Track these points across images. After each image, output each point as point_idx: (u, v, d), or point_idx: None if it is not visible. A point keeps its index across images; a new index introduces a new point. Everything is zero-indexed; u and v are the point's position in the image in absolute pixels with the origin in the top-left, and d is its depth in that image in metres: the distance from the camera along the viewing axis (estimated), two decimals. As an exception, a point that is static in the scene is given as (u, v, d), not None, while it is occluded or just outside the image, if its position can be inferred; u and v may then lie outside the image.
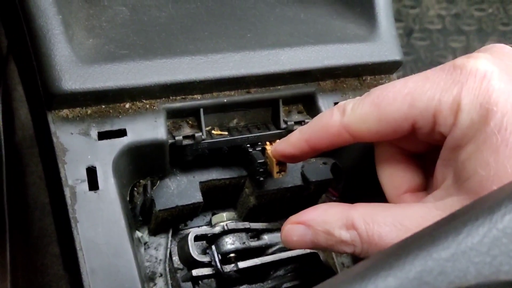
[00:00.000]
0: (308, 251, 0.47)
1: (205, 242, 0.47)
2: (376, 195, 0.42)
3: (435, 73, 0.36)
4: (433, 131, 0.35)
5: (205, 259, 0.45)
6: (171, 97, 0.45)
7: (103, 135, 0.42)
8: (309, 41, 0.49)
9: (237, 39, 0.48)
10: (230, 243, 0.46)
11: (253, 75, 0.46)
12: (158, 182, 0.46)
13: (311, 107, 0.50)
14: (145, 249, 0.48)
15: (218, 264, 0.44)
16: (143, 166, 0.45)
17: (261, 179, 0.47)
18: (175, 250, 0.48)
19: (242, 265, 0.45)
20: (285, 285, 0.45)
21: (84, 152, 0.41)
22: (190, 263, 0.45)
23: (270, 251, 0.47)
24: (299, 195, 0.50)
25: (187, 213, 0.47)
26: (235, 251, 0.46)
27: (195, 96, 0.46)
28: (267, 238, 0.48)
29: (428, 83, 0.35)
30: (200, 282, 0.46)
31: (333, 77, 0.50)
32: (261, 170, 0.46)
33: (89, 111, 0.43)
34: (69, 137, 0.42)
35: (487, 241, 0.23)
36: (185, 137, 0.45)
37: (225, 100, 0.47)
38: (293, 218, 0.39)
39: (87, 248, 0.39)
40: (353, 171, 0.50)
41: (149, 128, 0.43)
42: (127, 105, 0.44)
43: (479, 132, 0.33)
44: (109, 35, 0.46)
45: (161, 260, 0.48)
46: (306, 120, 0.49)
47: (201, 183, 0.47)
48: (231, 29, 0.49)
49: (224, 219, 0.48)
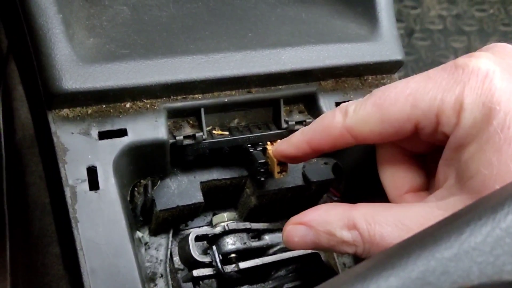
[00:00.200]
0: (309, 251, 0.47)
1: (206, 242, 0.47)
2: (377, 195, 0.42)
3: (437, 73, 0.35)
4: (436, 131, 0.35)
5: (206, 259, 0.45)
6: (172, 97, 0.45)
7: (103, 135, 0.42)
8: (310, 40, 0.49)
9: (238, 38, 0.48)
10: (231, 243, 0.46)
11: (254, 74, 0.46)
12: (158, 182, 0.46)
13: (312, 107, 0.50)
14: (145, 249, 0.48)
15: (219, 264, 0.44)
16: (144, 166, 0.44)
17: (262, 179, 0.46)
18: (175, 250, 0.48)
19: (243, 265, 0.44)
20: (286, 286, 0.45)
21: (84, 151, 0.41)
22: (190, 263, 0.45)
23: (271, 251, 0.47)
24: (300, 195, 0.50)
25: (188, 213, 0.47)
26: (236, 252, 0.46)
27: (196, 95, 0.46)
28: (268, 238, 0.48)
29: (430, 83, 0.35)
30: (201, 282, 0.46)
31: (334, 77, 0.50)
32: (262, 170, 0.46)
33: (89, 111, 0.43)
34: (69, 136, 0.42)
35: (490, 241, 0.23)
36: (186, 137, 0.45)
37: (226, 99, 0.47)
38: (295, 218, 0.39)
39: (88, 248, 0.39)
40: (354, 171, 0.50)
41: (149, 128, 0.43)
42: (128, 105, 0.44)
43: (482, 131, 0.32)
44: (110, 34, 0.46)
45: (161, 260, 0.48)
46: (307, 120, 0.49)
47: (202, 183, 0.47)
48: (232, 29, 0.49)
49: (225, 219, 0.48)
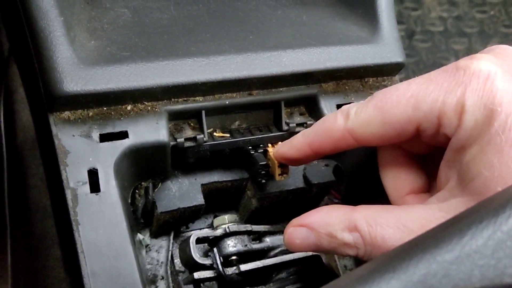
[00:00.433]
0: (310, 253, 0.47)
1: (206, 244, 0.47)
2: (378, 197, 0.42)
3: (438, 74, 0.35)
4: (437, 133, 0.35)
5: (207, 261, 0.45)
6: (173, 99, 0.45)
7: (104, 137, 0.42)
8: (311, 43, 0.49)
9: (239, 41, 0.48)
10: (232, 245, 0.46)
11: (255, 77, 0.46)
12: (159, 184, 0.46)
13: (313, 109, 0.50)
14: (146, 251, 0.48)
15: (220, 266, 0.44)
16: (145, 168, 0.44)
17: (263, 181, 0.46)
18: (176, 252, 0.48)
19: (244, 267, 0.44)
20: (287, 288, 0.45)
21: (85, 154, 0.41)
22: (191, 265, 0.45)
23: (272, 253, 0.47)
24: (301, 197, 0.50)
25: (189, 216, 0.47)
26: (237, 254, 0.46)
27: (197, 98, 0.46)
28: (269, 240, 0.48)
29: (431, 85, 0.35)
30: (201, 284, 0.45)
31: (335, 79, 0.50)
32: (263, 172, 0.46)
33: (90, 113, 0.43)
34: (70, 139, 0.42)
35: (492, 244, 0.23)
36: (187, 139, 0.45)
37: (227, 102, 0.47)
38: (296, 220, 0.39)
39: (89, 250, 0.39)
40: (355, 173, 0.50)
41: (150, 130, 0.43)
42: (129, 107, 0.44)
43: (484, 133, 0.32)
44: (111, 37, 0.46)
45: (162, 262, 0.48)
46: (308, 122, 0.49)
47: (203, 185, 0.47)
48: (233, 31, 0.49)
49: (226, 222, 0.48)
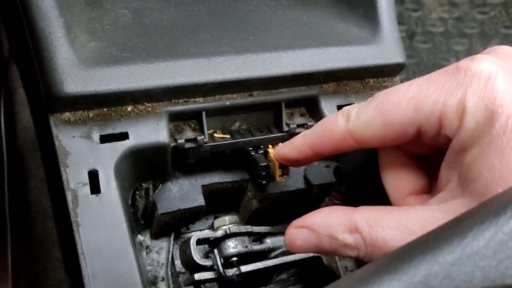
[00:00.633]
0: (311, 254, 0.47)
1: (207, 245, 0.47)
2: (379, 198, 0.42)
3: (439, 75, 0.35)
4: (438, 134, 0.35)
5: (207, 263, 0.45)
6: (173, 100, 0.45)
7: (105, 138, 0.42)
8: (311, 43, 0.49)
9: (240, 41, 0.48)
10: (232, 246, 0.45)
11: (255, 78, 0.46)
12: (160, 185, 0.46)
13: (313, 110, 0.50)
14: (147, 253, 0.47)
15: (220, 268, 0.44)
16: (145, 169, 0.44)
17: (264, 182, 0.46)
18: (177, 254, 0.48)
19: (244, 269, 0.44)
20: (288, 289, 0.45)
21: (86, 155, 0.41)
22: (192, 267, 0.45)
23: (272, 254, 0.47)
24: (302, 198, 0.50)
25: (189, 217, 0.47)
26: (238, 255, 0.45)
27: (197, 99, 0.46)
28: (269, 241, 0.48)
29: (432, 86, 0.35)
30: (202, 286, 0.45)
31: (336, 80, 0.50)
32: (264, 173, 0.46)
33: (91, 114, 0.43)
34: (71, 140, 0.42)
35: (493, 245, 0.23)
36: (187, 140, 0.45)
37: (228, 103, 0.47)
38: (297, 222, 0.39)
39: (89, 252, 0.39)
40: (356, 174, 0.50)
41: (151, 131, 0.43)
42: (129, 108, 0.44)
43: (484, 134, 0.32)
44: (111, 38, 0.46)
45: (163, 264, 0.48)
46: (308, 123, 0.49)
47: (203, 186, 0.47)
48: (234, 32, 0.49)
49: (226, 223, 0.48)
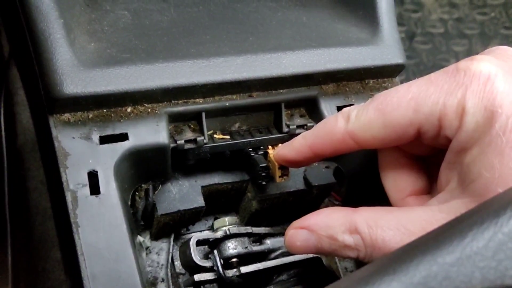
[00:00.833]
0: (311, 255, 0.46)
1: (207, 246, 0.47)
2: (379, 198, 0.42)
3: (438, 76, 0.35)
4: (438, 135, 0.35)
5: (207, 264, 0.45)
6: (173, 101, 0.45)
7: (104, 139, 0.42)
8: (311, 44, 0.49)
9: (239, 42, 0.48)
10: (232, 247, 0.45)
11: (255, 78, 0.46)
12: (160, 186, 0.46)
13: (313, 111, 0.50)
14: (146, 254, 0.47)
15: (220, 269, 0.44)
16: (145, 170, 0.44)
17: (263, 183, 0.46)
18: (177, 255, 0.48)
19: (244, 270, 0.44)
20: (287, 290, 0.45)
21: (85, 156, 0.41)
22: (192, 268, 0.45)
23: (272, 255, 0.47)
24: (302, 199, 0.50)
25: (189, 218, 0.47)
26: (237, 256, 0.45)
27: (197, 100, 0.46)
28: (269, 242, 0.48)
29: (432, 87, 0.35)
30: (202, 287, 0.45)
31: (336, 81, 0.50)
32: (263, 174, 0.46)
33: (90, 115, 0.43)
34: (70, 141, 0.42)
35: (493, 246, 0.23)
36: (187, 141, 0.45)
37: (227, 104, 0.47)
38: (297, 223, 0.39)
39: (88, 253, 0.39)
40: (356, 175, 0.50)
41: (150, 132, 0.43)
42: (129, 109, 0.44)
43: (484, 134, 0.32)
44: (111, 39, 0.46)
45: (163, 265, 0.47)
46: (308, 124, 0.49)
47: (203, 187, 0.47)
48: (233, 33, 0.49)
49: (226, 224, 0.48)
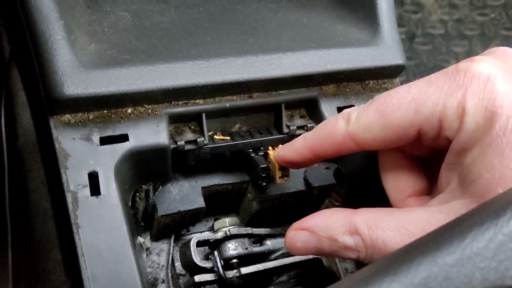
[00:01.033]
0: (311, 256, 0.46)
1: (207, 247, 0.47)
2: (379, 199, 0.42)
3: (438, 77, 0.35)
4: (438, 136, 0.35)
5: (208, 264, 0.45)
6: (173, 102, 0.45)
7: (105, 140, 0.42)
8: (311, 45, 0.49)
9: (239, 43, 0.48)
10: (232, 248, 0.45)
11: (255, 79, 0.46)
12: (160, 187, 0.46)
13: (313, 112, 0.50)
14: (147, 254, 0.47)
15: (220, 269, 0.44)
16: (145, 171, 0.44)
17: (264, 184, 0.46)
18: (177, 255, 0.48)
19: (244, 270, 0.44)
20: (288, 291, 0.45)
21: (86, 157, 0.41)
22: (192, 268, 0.45)
23: (273, 256, 0.47)
24: (302, 200, 0.50)
25: (189, 219, 0.47)
26: (238, 257, 0.45)
27: (197, 101, 0.46)
28: (269, 243, 0.48)
29: (432, 88, 0.35)
30: (202, 288, 0.45)
31: (336, 82, 0.50)
32: (264, 175, 0.46)
33: (91, 116, 0.43)
34: (71, 142, 0.42)
35: (493, 246, 0.23)
36: (187, 142, 0.45)
37: (227, 105, 0.47)
38: (297, 224, 0.39)
39: (89, 254, 0.39)
40: (356, 176, 0.50)
41: (151, 133, 0.43)
42: (129, 110, 0.44)
43: (484, 135, 0.32)
44: (111, 40, 0.46)
45: (163, 266, 0.47)
46: (308, 124, 0.49)
47: (203, 188, 0.47)
48: (233, 34, 0.49)
49: (226, 225, 0.48)
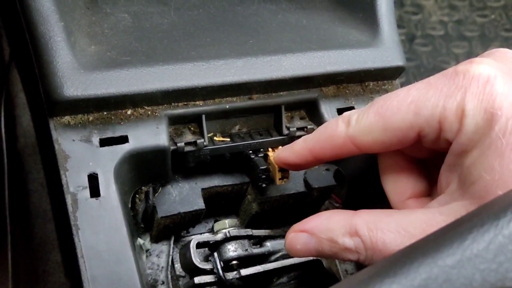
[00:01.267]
0: (311, 258, 0.46)
1: (207, 249, 0.47)
2: (379, 201, 0.42)
3: (437, 79, 0.35)
4: (438, 138, 0.35)
5: (207, 266, 0.45)
6: (173, 104, 0.45)
7: (104, 142, 0.42)
8: (311, 47, 0.49)
9: (239, 45, 0.48)
10: (232, 250, 0.45)
11: (255, 81, 0.46)
12: (160, 188, 0.46)
13: (313, 113, 0.50)
14: (147, 256, 0.47)
15: (220, 271, 0.44)
16: (145, 172, 0.44)
17: (264, 185, 0.46)
18: (177, 257, 0.48)
19: (244, 272, 0.44)
20: (288, 293, 0.45)
21: (85, 159, 0.41)
22: (192, 270, 0.45)
23: (272, 258, 0.47)
24: (302, 201, 0.50)
25: (189, 220, 0.47)
26: (238, 258, 0.45)
27: (197, 102, 0.46)
28: (269, 245, 0.47)
29: (431, 90, 0.35)
30: (202, 289, 0.45)
31: (336, 83, 0.50)
32: (264, 176, 0.46)
33: (90, 118, 0.43)
34: (70, 144, 0.42)
35: (493, 248, 0.23)
36: (187, 144, 0.45)
37: (227, 106, 0.47)
38: (297, 226, 0.39)
39: (89, 255, 0.39)
40: (356, 177, 0.50)
41: (151, 134, 0.43)
42: (129, 112, 0.44)
43: (484, 136, 0.32)
44: (111, 41, 0.46)
45: (163, 267, 0.47)
46: (308, 126, 0.49)
47: (203, 189, 0.47)
48: (233, 36, 0.49)
49: (226, 226, 0.48)
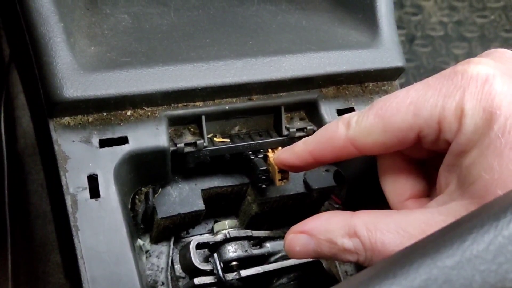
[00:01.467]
0: (311, 259, 0.46)
1: (207, 250, 0.47)
2: (379, 202, 0.42)
3: (436, 80, 0.35)
4: (438, 138, 0.35)
5: (207, 267, 0.45)
6: (172, 105, 0.45)
7: (104, 143, 0.42)
8: (311, 47, 0.49)
9: (239, 46, 0.48)
10: (232, 251, 0.45)
11: (255, 82, 0.46)
12: (159, 189, 0.46)
13: (313, 114, 0.50)
14: (146, 257, 0.47)
15: (220, 272, 0.44)
16: (145, 173, 0.44)
17: (263, 186, 0.46)
18: (177, 258, 0.48)
19: (244, 273, 0.44)
20: (288, 294, 0.45)
21: (85, 160, 0.41)
22: (192, 271, 0.45)
23: (272, 259, 0.47)
24: (302, 202, 0.50)
25: (189, 221, 0.47)
26: (237, 259, 0.45)
27: (197, 103, 0.46)
28: (269, 246, 0.47)
29: (430, 91, 0.35)
30: (202, 290, 0.45)
31: (335, 84, 0.50)
32: (263, 177, 0.46)
33: (90, 119, 0.43)
34: (70, 145, 0.42)
35: (493, 249, 0.23)
36: (187, 145, 0.45)
37: (227, 107, 0.47)
38: (296, 227, 0.39)
39: (88, 256, 0.39)
40: (355, 178, 0.50)
41: (150, 135, 0.43)
42: (129, 113, 0.44)
43: (483, 136, 0.32)
44: (111, 42, 0.46)
45: (163, 268, 0.47)
46: (308, 127, 0.49)
47: (203, 190, 0.47)
48: (233, 36, 0.49)
49: (226, 227, 0.48)
